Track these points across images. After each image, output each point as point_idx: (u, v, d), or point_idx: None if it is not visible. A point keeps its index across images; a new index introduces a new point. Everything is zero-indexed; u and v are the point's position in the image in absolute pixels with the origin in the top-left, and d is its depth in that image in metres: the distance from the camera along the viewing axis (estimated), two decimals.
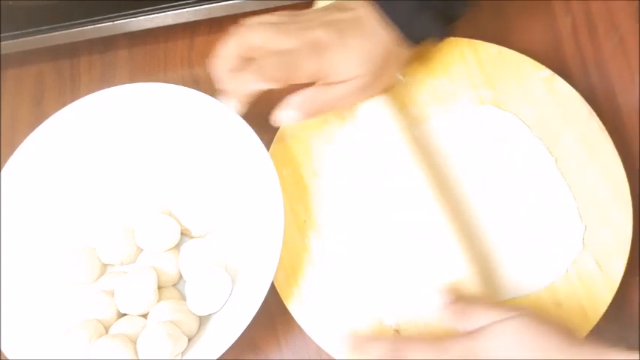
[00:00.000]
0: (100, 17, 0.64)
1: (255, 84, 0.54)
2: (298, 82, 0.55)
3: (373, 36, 0.54)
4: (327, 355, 0.54)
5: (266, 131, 0.60)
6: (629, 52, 0.64)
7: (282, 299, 0.56)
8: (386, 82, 0.58)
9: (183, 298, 0.57)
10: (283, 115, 0.55)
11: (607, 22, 0.65)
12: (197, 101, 0.59)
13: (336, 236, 0.58)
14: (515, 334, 0.46)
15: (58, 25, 0.64)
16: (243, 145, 0.57)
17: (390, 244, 0.57)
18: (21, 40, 0.64)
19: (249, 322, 0.51)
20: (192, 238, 0.59)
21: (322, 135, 0.61)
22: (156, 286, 0.56)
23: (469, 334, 0.47)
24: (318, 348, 0.54)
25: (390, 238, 0.57)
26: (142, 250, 0.59)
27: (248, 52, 0.55)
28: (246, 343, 0.55)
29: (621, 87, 0.63)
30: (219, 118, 0.58)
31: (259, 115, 0.61)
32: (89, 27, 0.64)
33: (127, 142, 0.61)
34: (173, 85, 0.60)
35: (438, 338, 0.48)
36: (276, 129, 0.61)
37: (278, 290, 0.56)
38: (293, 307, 0.55)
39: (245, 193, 0.58)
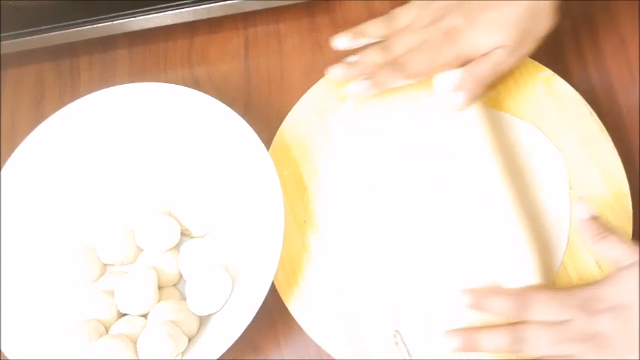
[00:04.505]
0: (100, 17, 0.64)
1: (397, 81, 0.56)
2: (441, 72, 0.57)
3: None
4: (327, 355, 0.54)
5: (266, 131, 0.60)
6: (629, 52, 0.64)
7: (282, 299, 0.56)
8: (538, 35, 0.56)
9: (183, 298, 0.57)
10: (455, 99, 0.55)
11: (607, 22, 0.65)
12: (197, 101, 0.59)
13: (336, 236, 0.58)
14: None
15: (58, 25, 0.64)
16: (243, 145, 0.57)
17: (390, 244, 0.57)
18: (21, 40, 0.64)
19: (249, 322, 0.51)
20: (192, 238, 0.59)
21: (322, 135, 0.61)
22: (156, 286, 0.56)
23: (594, 282, 0.49)
24: (318, 348, 0.54)
25: (389, 237, 0.57)
26: (142, 250, 0.59)
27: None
28: (246, 343, 0.55)
29: (621, 87, 0.62)
30: (219, 118, 0.58)
31: (259, 115, 0.61)
32: (89, 27, 0.64)
33: (127, 142, 0.61)
34: (173, 85, 0.60)
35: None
36: (276, 129, 0.61)
37: (278, 290, 0.56)
38: (293, 307, 0.55)
39: (245, 193, 0.58)
